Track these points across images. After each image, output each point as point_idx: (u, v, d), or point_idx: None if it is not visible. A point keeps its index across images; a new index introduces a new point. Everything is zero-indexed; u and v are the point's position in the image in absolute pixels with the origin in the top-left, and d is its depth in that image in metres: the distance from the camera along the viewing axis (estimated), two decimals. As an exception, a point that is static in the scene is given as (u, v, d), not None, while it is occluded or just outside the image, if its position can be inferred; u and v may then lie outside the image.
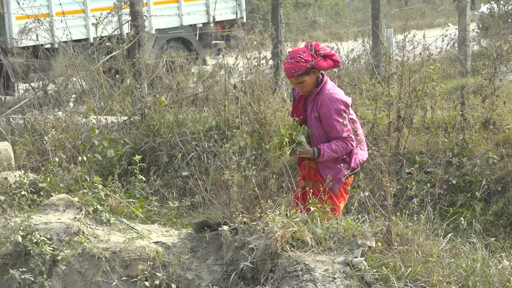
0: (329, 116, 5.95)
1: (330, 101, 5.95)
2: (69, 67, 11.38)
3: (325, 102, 5.96)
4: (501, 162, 7.80)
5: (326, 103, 5.95)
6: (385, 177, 5.20)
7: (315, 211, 5.29)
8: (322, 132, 6.04)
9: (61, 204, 6.22)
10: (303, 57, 5.96)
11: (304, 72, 5.95)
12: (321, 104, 5.98)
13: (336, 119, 5.92)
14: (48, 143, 7.89)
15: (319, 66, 5.99)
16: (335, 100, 5.96)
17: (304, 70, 5.95)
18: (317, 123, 6.03)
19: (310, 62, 5.95)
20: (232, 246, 5.31)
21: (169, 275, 5.33)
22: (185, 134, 9.20)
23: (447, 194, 7.83)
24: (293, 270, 4.78)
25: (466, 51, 13.73)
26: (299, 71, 5.95)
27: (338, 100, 5.97)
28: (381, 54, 12.28)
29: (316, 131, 6.05)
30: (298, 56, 5.98)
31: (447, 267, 4.75)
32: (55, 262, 5.56)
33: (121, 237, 5.75)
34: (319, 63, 5.98)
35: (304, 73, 5.95)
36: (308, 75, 5.98)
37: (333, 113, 5.93)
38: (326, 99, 5.96)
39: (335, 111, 5.93)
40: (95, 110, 10.37)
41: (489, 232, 7.09)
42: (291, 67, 5.97)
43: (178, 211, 7.14)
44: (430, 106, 9.03)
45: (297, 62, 5.96)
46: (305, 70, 5.95)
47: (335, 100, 5.96)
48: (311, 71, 5.98)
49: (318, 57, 6.00)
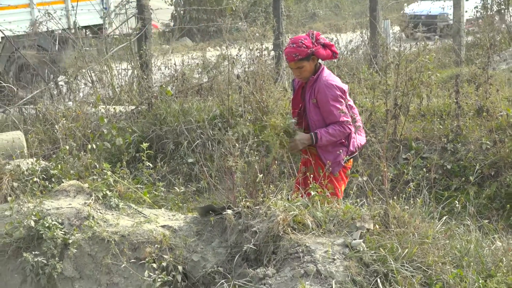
0: (326, 102, 5.96)
1: (327, 87, 5.97)
2: (79, 59, 11.37)
3: (322, 89, 5.98)
4: (494, 148, 7.80)
5: (323, 89, 5.97)
6: (383, 162, 5.20)
7: (316, 195, 5.29)
8: (320, 119, 6.05)
9: (72, 190, 6.23)
10: (304, 43, 5.98)
11: (304, 57, 5.97)
12: (318, 90, 6.00)
13: (333, 104, 5.94)
14: (59, 132, 7.90)
15: (318, 54, 6.00)
16: (332, 86, 5.98)
17: (304, 55, 5.96)
18: (316, 109, 6.05)
19: (310, 49, 5.97)
20: (236, 229, 5.31)
21: (176, 257, 5.34)
22: (190, 122, 9.19)
23: (442, 179, 7.83)
24: (294, 251, 4.78)
25: (460, 42, 13.70)
26: (299, 55, 5.96)
27: (334, 86, 5.99)
28: (378, 44, 12.26)
29: (315, 118, 6.06)
30: (299, 41, 6.00)
31: (442, 248, 4.74)
32: (66, 246, 5.57)
33: (129, 221, 5.76)
34: (319, 50, 6.00)
35: (304, 58, 5.97)
36: (308, 61, 6.00)
37: (330, 99, 5.95)
38: (323, 86, 5.98)
39: (332, 97, 5.95)
40: (104, 100, 10.37)
41: (482, 214, 7.09)
42: (292, 51, 5.99)
43: (184, 196, 7.15)
44: (426, 94, 9.02)
45: (298, 47, 5.98)
46: (305, 56, 5.97)
47: (331, 86, 5.98)
48: (310, 57, 5.99)
49: (319, 45, 6.02)
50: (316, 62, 6.07)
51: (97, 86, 11.27)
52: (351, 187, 5.79)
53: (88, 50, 11.97)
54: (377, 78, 9.58)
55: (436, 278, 4.48)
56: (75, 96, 10.91)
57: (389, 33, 14.63)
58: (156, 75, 11.64)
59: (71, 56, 11.86)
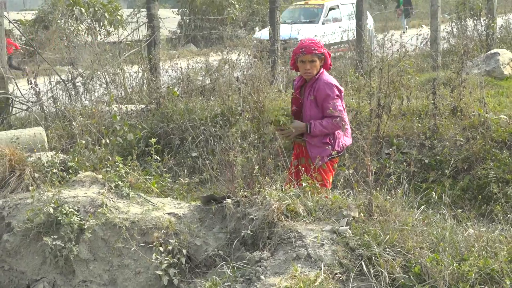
0: (325, 99, 6.00)
1: (327, 86, 6.03)
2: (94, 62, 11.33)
3: (322, 87, 6.03)
4: (467, 144, 7.78)
5: (323, 87, 6.02)
6: (367, 157, 5.18)
7: (307, 186, 5.28)
8: (315, 115, 6.06)
9: (87, 180, 6.21)
10: (319, 43, 6.11)
11: (319, 54, 6.05)
12: (317, 89, 6.04)
13: (331, 102, 5.97)
14: (76, 128, 7.86)
15: (326, 57, 6.10)
16: (331, 85, 6.04)
17: (320, 52, 6.05)
18: (312, 106, 6.08)
19: (324, 49, 6.09)
20: (235, 217, 5.29)
21: (180, 242, 5.32)
22: (195, 120, 9.16)
23: (420, 172, 7.81)
24: (287, 237, 4.77)
25: (437, 49, 13.67)
26: (317, 50, 6.03)
27: (333, 85, 6.05)
28: (364, 51, 12.23)
29: (311, 114, 6.10)
30: (317, 40, 6.15)
31: (420, 234, 4.72)
32: (82, 231, 5.56)
33: (139, 209, 5.73)
34: (326, 54, 6.11)
35: (319, 54, 6.05)
36: (319, 59, 6.07)
37: (329, 96, 5.99)
38: (323, 84, 6.04)
39: (331, 95, 5.99)
40: (117, 99, 10.33)
41: (456, 204, 7.07)
42: (312, 45, 6.06)
43: (188, 186, 7.12)
44: (406, 95, 9.00)
45: (316, 43, 6.08)
46: (320, 53, 6.05)
47: (331, 85, 6.04)
48: (322, 56, 6.07)
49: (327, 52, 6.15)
50: (322, 64, 6.08)
51: (111, 87, 11.24)
52: (338, 179, 5.77)
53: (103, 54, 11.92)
54: (362, 81, 9.56)
55: (415, 262, 4.46)
56: (91, 96, 10.88)
57: (373, 40, 14.60)
58: (164, 77, 11.60)
59: (88, 60, 11.81)
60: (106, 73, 11.31)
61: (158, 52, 11.23)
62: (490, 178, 7.35)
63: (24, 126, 9.33)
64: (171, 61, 12.72)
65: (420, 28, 15.60)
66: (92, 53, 11.98)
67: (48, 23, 21.83)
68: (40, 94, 10.60)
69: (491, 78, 11.27)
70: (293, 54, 6.19)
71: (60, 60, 14.04)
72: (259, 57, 9.62)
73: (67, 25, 17.58)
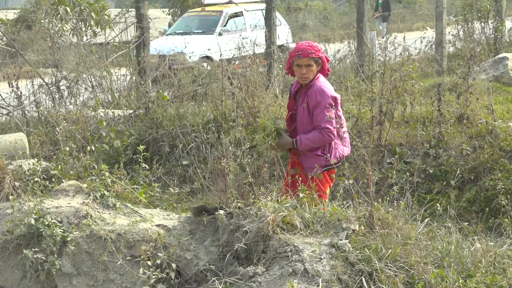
0: (315, 107, 5.95)
1: (319, 93, 5.97)
2: (80, 65, 11.33)
3: (314, 94, 5.98)
4: (474, 154, 7.79)
5: (315, 94, 5.97)
6: (368, 166, 5.19)
7: (304, 197, 5.27)
8: (309, 123, 6.03)
9: (71, 189, 6.19)
10: (317, 47, 6.10)
11: (316, 58, 6.03)
12: (310, 96, 6.00)
13: (321, 110, 5.92)
14: (59, 134, 7.83)
15: (323, 62, 6.09)
16: (324, 93, 5.97)
17: (317, 56, 6.03)
18: (305, 113, 6.05)
19: (321, 53, 6.07)
20: (228, 229, 5.28)
21: (170, 255, 5.30)
22: (186, 126, 9.16)
23: (425, 182, 7.81)
24: (283, 251, 4.76)
25: (442, 52, 13.70)
26: (314, 54, 6.02)
27: (326, 93, 5.97)
28: (365, 54, 12.26)
29: (304, 121, 6.07)
30: (314, 44, 6.14)
31: (424, 249, 4.73)
32: (65, 243, 5.53)
33: (125, 220, 5.72)
34: (324, 59, 6.09)
35: (316, 58, 6.03)
36: (316, 64, 6.05)
37: (320, 104, 5.93)
38: (316, 91, 5.99)
39: (322, 103, 5.93)
40: (103, 104, 10.32)
41: (462, 217, 7.08)
42: (309, 48, 6.05)
43: (178, 196, 7.12)
44: (410, 102, 9.01)
45: (314, 47, 6.08)
46: (317, 57, 6.03)
47: (323, 93, 5.97)
48: (319, 61, 6.05)
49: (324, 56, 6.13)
50: (318, 69, 6.07)
51: (97, 90, 11.23)
52: (337, 190, 5.77)
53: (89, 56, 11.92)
54: (363, 86, 9.57)
55: (418, 278, 4.46)
56: (76, 100, 10.87)
57: (375, 43, 14.63)
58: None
59: (73, 62, 11.81)
60: (92, 76, 11.30)
61: (148, 54, 11.24)
62: (498, 190, 7.36)
63: (4, 131, 9.30)
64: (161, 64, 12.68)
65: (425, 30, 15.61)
66: (77, 54, 11.97)
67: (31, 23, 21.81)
68: (22, 98, 10.58)
69: (499, 83, 11.32)
70: (289, 57, 6.19)
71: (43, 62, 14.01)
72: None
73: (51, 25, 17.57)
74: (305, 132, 6.03)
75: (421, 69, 11.36)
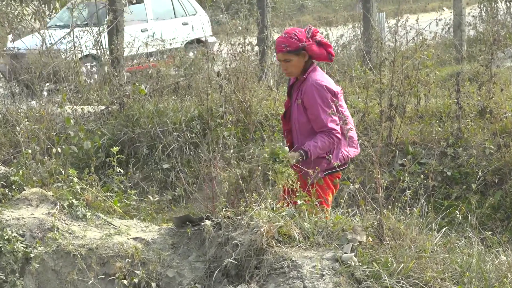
0: (313, 104, 5.88)
1: (316, 88, 5.88)
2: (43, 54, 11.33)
3: (309, 89, 5.91)
4: (498, 153, 7.81)
5: (311, 90, 5.90)
6: (376, 168, 5.20)
7: (303, 205, 5.28)
8: (305, 121, 5.98)
9: (34, 198, 6.19)
10: (298, 36, 5.96)
11: (293, 50, 5.93)
12: (305, 91, 5.93)
13: (322, 108, 5.85)
14: (20, 134, 7.84)
15: (310, 49, 5.95)
16: (321, 88, 5.89)
17: (294, 48, 5.93)
18: (300, 111, 5.98)
19: (302, 42, 5.94)
20: (215, 242, 5.29)
21: (149, 273, 5.32)
22: (166, 124, 9.17)
23: (442, 186, 7.84)
24: (279, 266, 4.78)
25: (461, 36, 13.75)
26: (289, 47, 5.93)
27: (323, 87, 5.90)
28: (372, 39, 12.28)
29: (300, 120, 6.01)
30: (293, 33, 5.99)
31: (441, 262, 4.75)
32: (28, 260, 5.54)
33: (98, 233, 5.73)
34: (311, 46, 5.95)
35: (293, 51, 5.93)
36: (297, 55, 5.95)
37: (318, 100, 5.86)
38: (311, 86, 5.90)
39: (320, 99, 5.86)
40: (70, 99, 10.32)
41: (485, 226, 7.11)
42: (283, 41, 5.97)
43: (158, 205, 7.13)
44: (424, 94, 9.03)
45: (290, 37, 5.96)
46: (295, 49, 5.92)
47: (321, 87, 5.89)
48: (300, 52, 5.94)
49: (313, 41, 5.98)
50: (307, 60, 6.02)
51: (63, 84, 11.23)
52: (342, 196, 5.79)
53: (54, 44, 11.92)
54: (371, 76, 9.60)
55: (434, 296, 4.48)
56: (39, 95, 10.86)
57: (384, 26, 14.67)
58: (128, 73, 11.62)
59: (35, 51, 11.81)
60: (58, 67, 11.29)
61: (122, 41, 11.25)
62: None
63: (-44, 132, 9.30)
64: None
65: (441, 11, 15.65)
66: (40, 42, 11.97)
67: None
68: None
69: (527, 72, 11.36)
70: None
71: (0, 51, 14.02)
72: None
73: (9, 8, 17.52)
74: (302, 132, 6.00)
75: (437, 56, 11.41)
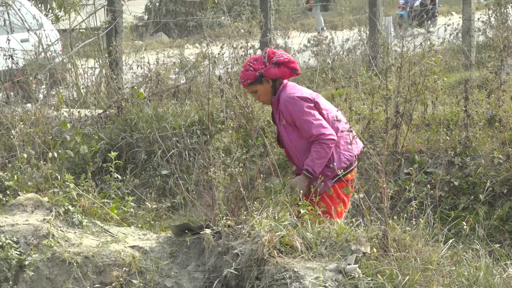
0: (295, 118, 6.03)
1: (289, 102, 6.04)
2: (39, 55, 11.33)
3: (284, 106, 6.07)
4: (507, 163, 7.81)
5: (285, 106, 6.06)
6: (382, 177, 5.21)
7: (306, 214, 5.29)
8: (295, 138, 6.12)
9: (29, 204, 6.20)
10: (253, 66, 6.13)
11: (253, 81, 6.13)
12: (282, 110, 6.11)
13: (301, 118, 5.99)
14: (15, 137, 7.85)
15: (268, 74, 6.11)
16: (292, 99, 6.04)
17: (253, 79, 6.12)
18: (288, 131, 6.13)
19: (258, 71, 6.11)
20: (215, 251, 5.30)
21: (146, 282, 5.32)
22: (165, 129, 9.18)
23: (449, 197, 7.84)
24: (281, 277, 4.78)
25: (470, 42, 13.75)
26: (248, 80, 6.14)
27: (294, 98, 6.05)
28: (378, 44, 12.28)
29: (290, 138, 6.14)
30: (248, 64, 6.18)
31: (447, 275, 4.75)
32: (22, 268, 5.54)
33: (94, 241, 5.73)
34: (268, 71, 6.11)
35: (253, 82, 6.13)
36: (260, 84, 6.15)
37: (296, 113, 6.01)
38: (284, 102, 6.07)
39: (297, 111, 6.01)
40: (67, 102, 10.33)
41: (493, 238, 7.11)
42: (242, 76, 6.20)
43: (156, 212, 7.13)
44: (431, 101, 9.04)
45: (246, 70, 6.16)
46: (254, 79, 6.12)
47: (292, 99, 6.05)
48: (261, 79, 6.13)
49: (270, 64, 6.11)
50: (273, 83, 6.15)
51: (60, 86, 11.24)
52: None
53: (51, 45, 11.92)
54: (377, 82, 9.60)
55: (440, 309, 4.49)
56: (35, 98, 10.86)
57: (390, 31, 14.67)
58: (127, 75, 11.61)
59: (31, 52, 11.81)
60: (54, 69, 11.30)
61: (121, 43, 11.26)
62: (536, 206, 7.40)
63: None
64: (137, 55, 12.73)
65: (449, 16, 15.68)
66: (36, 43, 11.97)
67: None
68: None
69: (538, 79, 11.35)
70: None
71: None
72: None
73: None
74: (298, 149, 6.11)
75: (445, 62, 11.42)
